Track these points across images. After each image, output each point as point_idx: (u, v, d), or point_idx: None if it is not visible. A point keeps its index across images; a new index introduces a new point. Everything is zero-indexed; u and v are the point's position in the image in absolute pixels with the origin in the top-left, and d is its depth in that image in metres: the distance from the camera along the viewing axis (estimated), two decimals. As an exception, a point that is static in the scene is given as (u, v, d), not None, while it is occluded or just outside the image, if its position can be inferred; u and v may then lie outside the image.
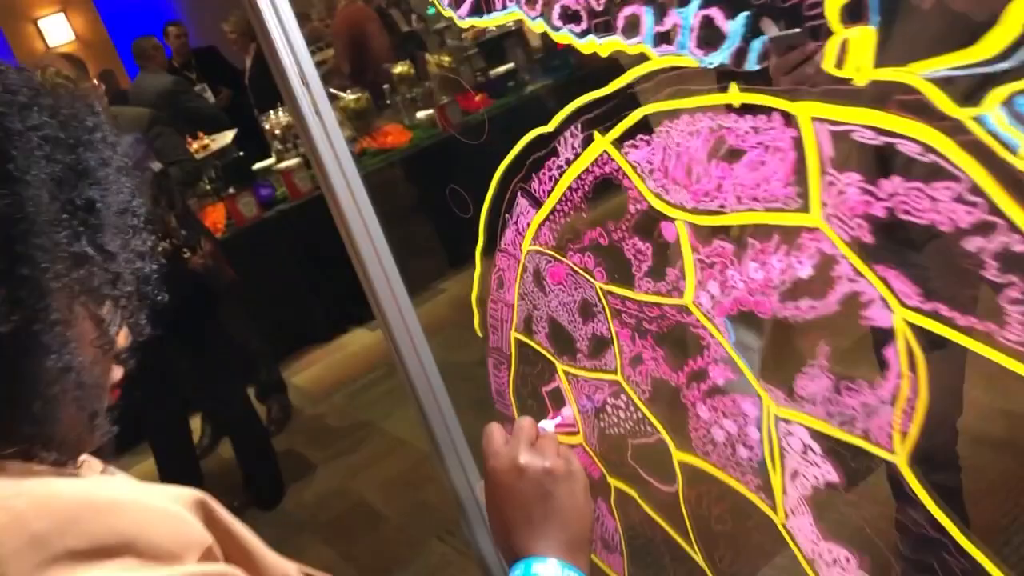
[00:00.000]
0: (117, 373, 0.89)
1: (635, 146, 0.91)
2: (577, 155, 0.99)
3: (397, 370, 1.38)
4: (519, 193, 1.11)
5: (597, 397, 1.16)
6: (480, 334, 1.34)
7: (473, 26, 1.01)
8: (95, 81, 3.74)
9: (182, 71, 6.30)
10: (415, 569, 3.27)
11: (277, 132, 5.16)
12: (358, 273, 1.35)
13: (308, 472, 4.05)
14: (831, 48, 0.69)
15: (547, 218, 1.08)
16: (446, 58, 5.34)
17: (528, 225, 1.12)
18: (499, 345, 1.31)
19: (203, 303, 3.63)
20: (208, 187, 4.99)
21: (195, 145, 4.97)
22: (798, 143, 0.75)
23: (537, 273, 1.15)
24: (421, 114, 5.09)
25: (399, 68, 5.22)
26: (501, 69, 5.05)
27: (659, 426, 1.08)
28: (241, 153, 5.28)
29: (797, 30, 0.72)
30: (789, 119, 0.75)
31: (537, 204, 1.09)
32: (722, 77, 0.79)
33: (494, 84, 5.32)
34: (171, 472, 3.75)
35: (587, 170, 0.99)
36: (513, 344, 1.28)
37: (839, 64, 0.69)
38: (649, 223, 0.93)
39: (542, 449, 0.90)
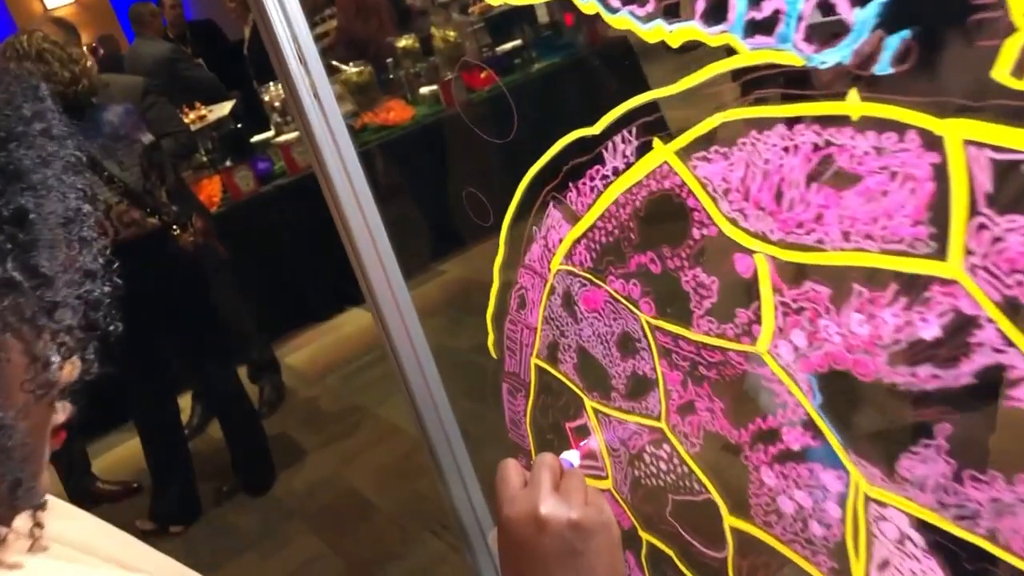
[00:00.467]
0: (61, 415, 0.71)
1: (707, 159, 0.72)
2: (629, 164, 0.80)
3: (388, 356, 1.23)
4: (551, 203, 0.92)
5: (633, 442, 0.97)
6: (494, 355, 1.16)
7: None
8: (85, 49, 3.52)
9: (176, 44, 6.05)
10: (408, 564, 3.10)
11: (276, 105, 4.94)
12: (348, 251, 1.19)
13: (299, 457, 3.88)
14: (1009, 51, 0.50)
15: (584, 235, 0.89)
16: (451, 33, 5.11)
17: (560, 241, 0.93)
18: (516, 370, 1.13)
19: (193, 281, 3.44)
20: (204, 159, 4.77)
21: (192, 115, 4.74)
22: (940, 171, 0.56)
23: (568, 296, 0.97)
24: (425, 90, 4.87)
25: (403, 42, 4.99)
26: (508, 46, 4.83)
27: (709, 485, 0.90)
28: (239, 125, 5.05)
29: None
30: (931, 140, 0.56)
31: (573, 218, 0.90)
32: (835, 81, 0.60)
33: (500, 61, 5.10)
34: (157, 453, 3.57)
35: (640, 183, 0.80)
36: (533, 371, 1.09)
37: (1019, 72, 0.50)
38: (718, 253, 0.75)
39: (568, 494, 0.74)
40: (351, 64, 4.78)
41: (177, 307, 3.38)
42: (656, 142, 0.76)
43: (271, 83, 4.97)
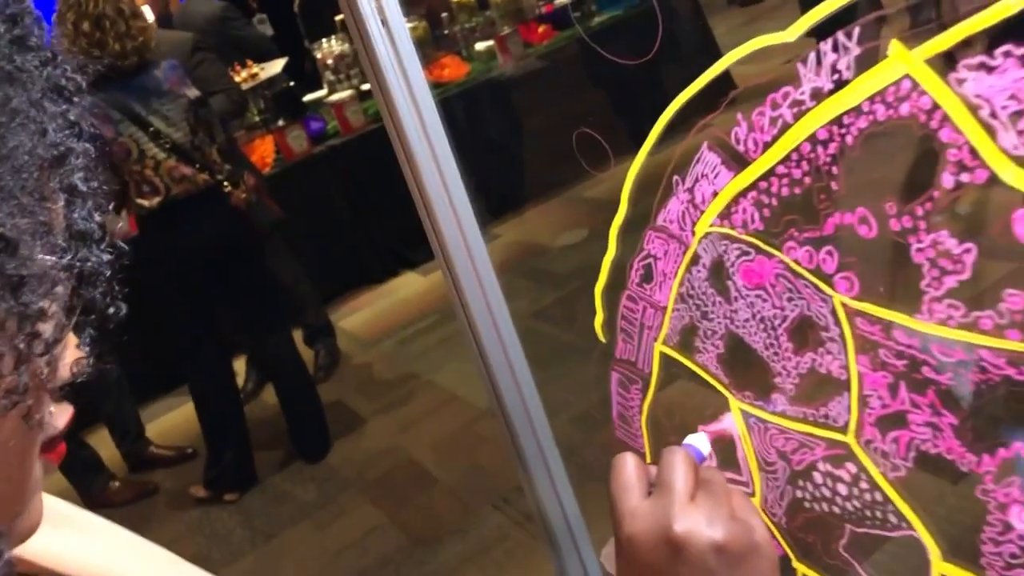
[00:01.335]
0: (61, 419, 0.49)
1: (987, 67, 0.46)
2: (841, 83, 0.55)
3: (458, 317, 1.03)
4: (705, 144, 0.67)
5: (799, 457, 0.73)
6: (603, 338, 0.92)
7: None
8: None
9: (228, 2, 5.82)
10: (468, 539, 2.91)
11: (329, 62, 4.71)
12: (418, 205, 0.98)
13: (355, 425, 3.70)
14: None
15: (755, 185, 0.64)
16: (508, -14, 4.82)
17: (715, 195, 0.68)
18: (632, 357, 0.89)
19: (246, 241, 3.25)
20: (257, 119, 4.57)
21: (243, 74, 4.53)
22: None
23: (717, 268, 0.72)
24: (480, 45, 4.59)
25: (459, -5, 4.72)
26: (566, -1, 4.54)
27: (916, 520, 0.66)
28: (291, 84, 4.83)
29: None
30: None
31: (738, 163, 0.65)
32: None
33: (558, 15, 4.81)
34: (211, 418, 3.41)
35: (858, 109, 0.54)
36: (657, 360, 0.85)
37: None
38: (984, 209, 0.49)
39: (709, 506, 0.56)
40: (405, 19, 4.53)
41: (231, 267, 3.20)
42: (895, 46, 0.50)
43: (323, 40, 4.73)
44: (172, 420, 4.02)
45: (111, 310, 0.50)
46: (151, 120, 2.94)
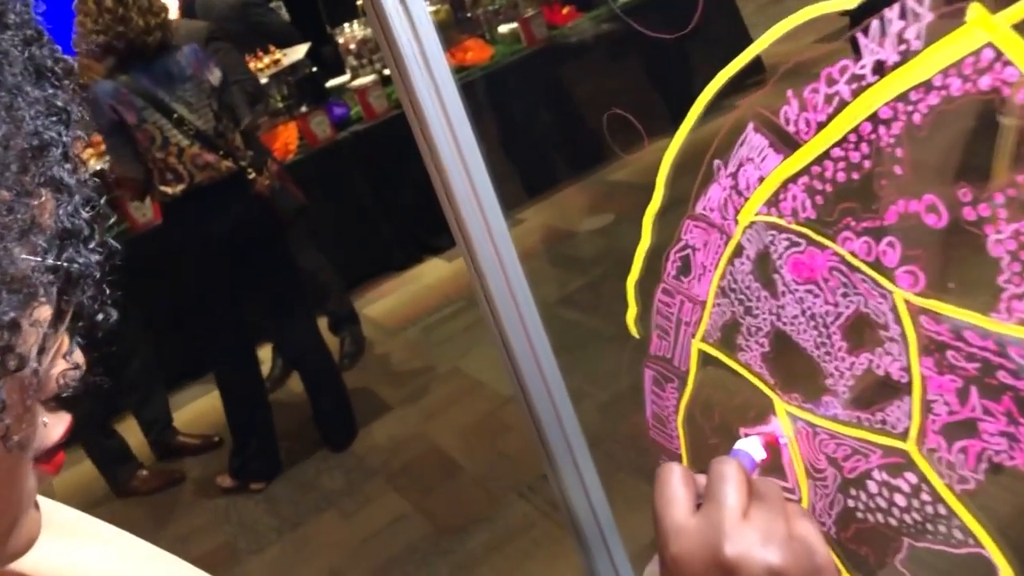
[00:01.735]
0: (58, 428, 0.47)
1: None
2: (909, 55, 0.48)
3: (480, 306, 0.99)
4: (751, 125, 0.61)
5: (852, 464, 0.67)
6: (636, 334, 0.86)
7: None
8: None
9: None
10: (494, 528, 2.87)
11: (352, 47, 4.65)
12: (439, 193, 0.93)
13: (381, 413, 3.67)
14: None
15: (807, 170, 0.58)
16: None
17: (761, 180, 0.62)
18: (667, 354, 0.83)
19: (270, 228, 3.21)
20: (280, 105, 4.53)
21: (266, 60, 4.49)
22: None
23: (763, 260, 0.66)
24: (504, 28, 4.51)
25: (482, -23, 4.64)
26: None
27: (986, 539, 0.59)
28: (314, 69, 4.78)
29: None
30: None
31: (789, 145, 0.59)
32: None
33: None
34: (237, 407, 3.38)
35: (928, 84, 0.48)
36: (695, 358, 0.79)
37: None
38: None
39: (763, 525, 0.50)
40: (427, 1, 4.46)
41: (255, 254, 3.17)
42: (976, 10, 0.44)
43: (345, 24, 4.67)
44: (199, 408, 4.01)
45: (101, 316, 0.45)
46: (175, 107, 2.91)
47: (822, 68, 0.53)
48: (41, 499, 0.64)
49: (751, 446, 0.58)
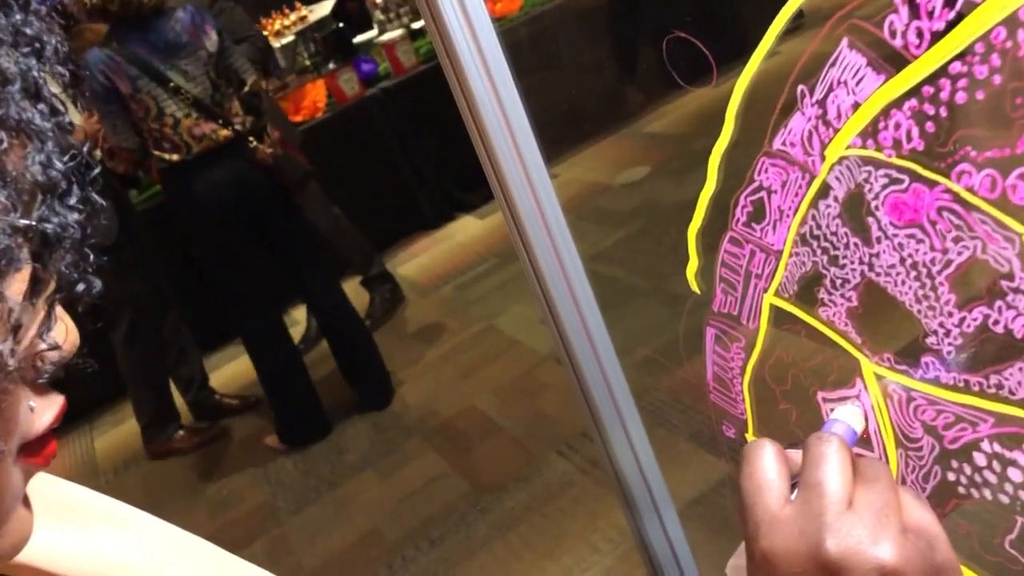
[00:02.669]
0: (47, 412, 0.40)
1: None
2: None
3: (521, 260, 0.93)
4: (845, 40, 0.51)
5: (955, 434, 0.58)
6: (696, 289, 0.77)
7: None
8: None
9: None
10: (533, 487, 2.82)
11: (378, 1, 4.53)
12: (477, 146, 0.86)
13: (417, 373, 3.62)
14: None
15: (915, 91, 0.49)
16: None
17: (856, 106, 0.53)
18: (734, 311, 0.74)
19: (275, 195, 3.09)
20: (307, 63, 4.44)
21: (292, 17, 4.39)
22: None
23: (855, 201, 0.57)
24: (533, -23, 4.37)
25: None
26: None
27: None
28: (341, 25, 4.67)
29: None
30: None
31: (893, 63, 0.49)
32: None
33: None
34: (269, 369, 3.30)
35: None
36: (767, 313, 0.70)
37: None
38: None
39: (872, 517, 0.42)
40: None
41: (265, 220, 3.07)
42: None
43: (372, -22, 4.55)
44: (235, 369, 3.99)
45: (81, 285, 0.37)
46: (170, 75, 2.80)
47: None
48: (50, 479, 0.57)
49: (851, 416, 0.50)
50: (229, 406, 3.73)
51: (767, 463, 0.45)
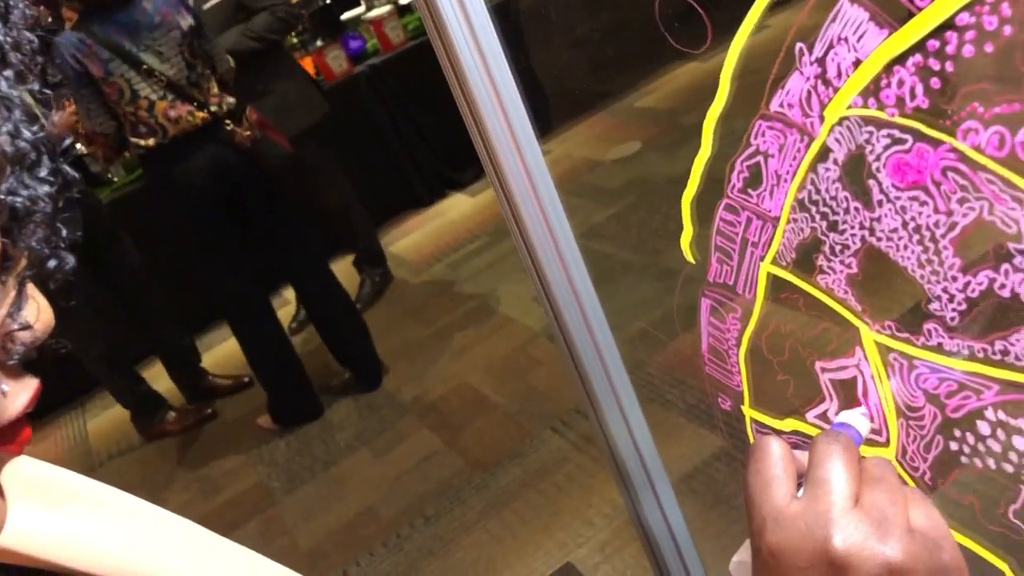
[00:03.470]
0: (20, 395, 0.37)
1: None
2: None
3: (513, 237, 0.92)
4: (847, -5, 0.49)
5: (958, 402, 0.57)
6: (691, 258, 0.75)
7: None
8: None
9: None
10: (528, 463, 2.82)
11: (365, -23, 4.47)
12: (467, 121, 0.84)
13: (410, 351, 3.60)
14: None
15: (920, 46, 0.47)
16: None
17: (857, 64, 0.51)
18: (729, 280, 0.72)
19: (259, 180, 3.02)
20: (295, 40, 4.38)
21: (279, -7, 4.31)
22: None
23: (855, 164, 0.55)
24: (522, -49, 4.30)
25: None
26: None
27: None
28: (328, 1, 4.61)
29: None
30: None
31: (896, 16, 0.47)
32: None
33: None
34: (256, 351, 3.24)
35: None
36: (764, 282, 0.69)
37: None
38: None
39: (879, 514, 0.42)
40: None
41: (247, 202, 3.00)
42: None
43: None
44: (227, 349, 3.97)
45: (53, 261, 0.35)
46: (143, 57, 2.72)
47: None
48: (39, 464, 0.55)
49: (856, 419, 0.49)
50: (221, 386, 3.71)
51: (774, 460, 0.44)
